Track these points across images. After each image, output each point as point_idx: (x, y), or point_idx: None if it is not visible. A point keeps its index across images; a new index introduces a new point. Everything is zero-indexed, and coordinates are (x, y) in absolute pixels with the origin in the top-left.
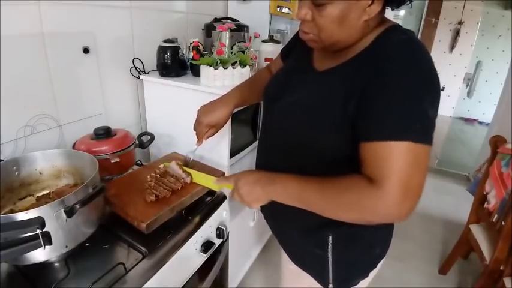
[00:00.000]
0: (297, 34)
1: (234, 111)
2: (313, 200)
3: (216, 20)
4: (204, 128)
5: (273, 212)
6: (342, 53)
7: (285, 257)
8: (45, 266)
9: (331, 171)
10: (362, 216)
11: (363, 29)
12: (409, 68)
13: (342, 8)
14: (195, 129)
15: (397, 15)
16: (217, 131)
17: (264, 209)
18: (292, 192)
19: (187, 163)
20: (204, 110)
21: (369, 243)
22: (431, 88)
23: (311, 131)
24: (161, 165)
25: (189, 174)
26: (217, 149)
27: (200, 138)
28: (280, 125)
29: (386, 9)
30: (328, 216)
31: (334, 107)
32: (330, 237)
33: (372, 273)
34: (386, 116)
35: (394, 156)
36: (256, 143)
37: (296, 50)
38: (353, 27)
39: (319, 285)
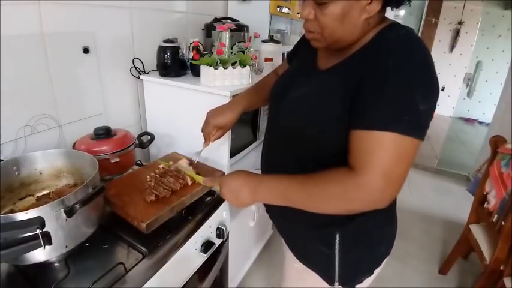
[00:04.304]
0: (301, 38)
1: None
2: (297, 196)
3: (216, 20)
4: (211, 129)
5: (280, 211)
6: (343, 51)
7: (289, 256)
8: (45, 266)
9: (334, 167)
10: (346, 205)
11: (364, 27)
12: (403, 62)
13: (343, 6)
14: (202, 131)
15: (397, 15)
16: (223, 133)
17: (270, 208)
18: (276, 191)
19: (191, 164)
20: (213, 113)
21: (375, 241)
22: (424, 82)
23: (312, 126)
24: (161, 165)
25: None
26: (217, 149)
27: (207, 139)
28: (284, 122)
29: (386, 9)
30: (313, 211)
31: (334, 103)
32: (337, 235)
33: (376, 271)
34: (375, 107)
35: (378, 146)
36: (256, 143)
37: (301, 53)
38: (354, 25)
39: (325, 284)
